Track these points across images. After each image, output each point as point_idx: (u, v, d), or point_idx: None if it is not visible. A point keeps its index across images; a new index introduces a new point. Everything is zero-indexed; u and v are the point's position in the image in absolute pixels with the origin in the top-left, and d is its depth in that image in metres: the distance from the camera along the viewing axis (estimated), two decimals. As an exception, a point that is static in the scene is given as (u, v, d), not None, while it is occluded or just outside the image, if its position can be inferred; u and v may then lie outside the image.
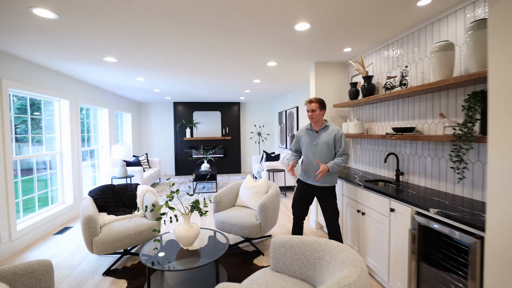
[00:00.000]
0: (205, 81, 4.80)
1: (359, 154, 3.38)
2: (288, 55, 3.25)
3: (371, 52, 3.04)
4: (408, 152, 2.53)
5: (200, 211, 2.18)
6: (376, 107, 3.00)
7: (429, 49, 2.24)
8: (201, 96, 6.89)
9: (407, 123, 2.53)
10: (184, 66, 3.73)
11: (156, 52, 3.06)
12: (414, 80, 2.39)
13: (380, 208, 2.22)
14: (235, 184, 3.36)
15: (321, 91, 3.57)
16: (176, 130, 8.05)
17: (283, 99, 7.12)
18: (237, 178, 7.51)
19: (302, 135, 2.56)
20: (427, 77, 2.27)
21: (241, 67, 3.83)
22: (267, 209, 2.74)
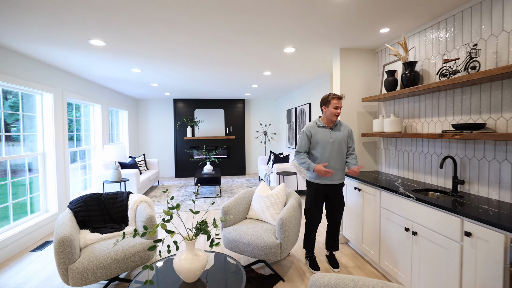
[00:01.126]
0: (207, 74, 4.27)
1: (393, 156, 2.84)
2: (310, 38, 2.72)
3: (413, 34, 2.51)
4: (470, 155, 2.00)
5: (210, 238, 1.64)
6: (420, 99, 2.46)
7: (508, 21, 1.71)
8: (203, 92, 6.36)
9: (467, 118, 2.00)
10: (184, 54, 3.20)
11: (151, 34, 2.53)
12: (483, 62, 1.86)
13: (444, 229, 1.68)
14: (246, 192, 2.83)
15: (347, 83, 3.04)
16: (176, 129, 7.53)
17: (292, 95, 6.59)
18: (241, 180, 6.98)
19: (315, 132, 2.37)
20: (504, 57, 1.74)
21: (251, 55, 3.30)
22: (289, 225, 2.21)
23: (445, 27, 2.18)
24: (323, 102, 2.40)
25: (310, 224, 2.49)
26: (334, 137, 2.36)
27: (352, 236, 2.81)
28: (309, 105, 5.33)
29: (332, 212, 2.47)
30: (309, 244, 2.54)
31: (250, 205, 2.76)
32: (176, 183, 6.69)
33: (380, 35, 2.62)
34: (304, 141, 2.41)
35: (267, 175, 5.75)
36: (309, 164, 2.33)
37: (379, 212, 2.35)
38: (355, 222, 2.74)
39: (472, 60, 1.79)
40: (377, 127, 2.77)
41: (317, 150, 2.37)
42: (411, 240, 1.97)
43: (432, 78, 2.31)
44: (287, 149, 7.07)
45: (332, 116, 2.32)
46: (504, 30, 1.74)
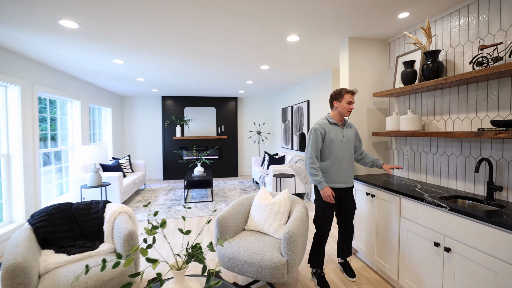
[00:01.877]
0: (199, 68, 3.89)
1: (407, 158, 2.56)
2: (316, 25, 2.39)
3: (435, 20, 2.22)
4: (510, 157, 1.72)
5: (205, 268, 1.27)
6: (443, 94, 2.18)
7: None
8: (194, 89, 5.95)
9: (506, 114, 1.72)
10: (173, 44, 2.81)
11: (133, 17, 2.14)
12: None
13: (493, 249, 1.38)
14: (244, 199, 2.47)
15: (356, 77, 2.73)
16: (164, 128, 7.07)
17: (288, 93, 6.27)
18: (234, 182, 6.61)
19: (328, 130, 2.14)
20: (558, 41, 1.46)
21: (249, 46, 2.95)
22: (297, 240, 1.87)
23: (476, 9, 1.90)
24: (335, 97, 2.16)
25: (321, 235, 2.20)
26: (346, 136, 2.19)
27: (363, 247, 2.50)
28: (307, 102, 5.02)
29: (345, 217, 2.27)
30: (318, 258, 2.23)
31: (248, 214, 2.40)
32: (164, 186, 6.25)
33: (396, 22, 2.32)
34: (317, 140, 2.11)
35: (262, 177, 5.41)
36: (321, 181, 2.07)
37: (399, 222, 2.04)
38: (367, 231, 2.43)
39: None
40: (391, 126, 2.47)
41: (331, 150, 2.13)
42: (443, 257, 1.67)
43: (458, 69, 2.03)
44: (282, 149, 6.76)
45: (345, 112, 2.13)
46: (557, 8, 1.46)
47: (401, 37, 2.59)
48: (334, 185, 2.15)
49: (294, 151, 5.90)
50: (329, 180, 2.15)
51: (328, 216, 2.16)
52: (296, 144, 5.65)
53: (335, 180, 2.15)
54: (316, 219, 2.21)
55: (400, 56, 2.54)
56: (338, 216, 2.30)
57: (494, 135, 1.57)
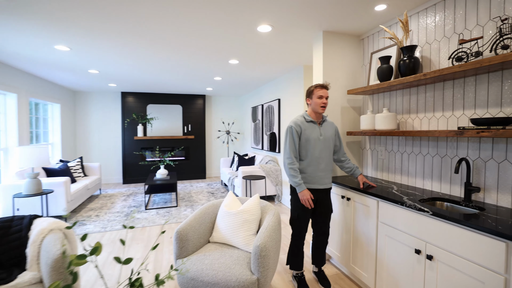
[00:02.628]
0: (162, 61, 3.49)
1: (382, 158, 2.46)
2: (289, 15, 2.19)
3: (410, 15, 2.14)
4: (486, 157, 1.66)
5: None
6: (418, 92, 2.10)
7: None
8: (158, 85, 5.47)
9: (483, 112, 1.66)
10: (129, 32, 2.42)
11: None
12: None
13: (478, 256, 1.27)
14: (209, 207, 2.18)
15: (330, 73, 2.59)
16: (124, 127, 6.44)
17: (258, 91, 6.07)
18: (201, 185, 6.23)
19: (304, 128, 2.02)
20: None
21: (217, 36, 2.65)
22: (268, 254, 1.63)
23: (453, 4, 1.83)
24: (307, 94, 2.07)
25: (298, 236, 2.09)
26: (323, 134, 2.06)
27: (337, 254, 2.35)
28: (278, 101, 4.85)
29: (320, 220, 2.12)
30: (297, 259, 2.12)
31: (214, 224, 2.11)
32: (123, 191, 5.66)
33: (373, 15, 2.20)
34: (294, 139, 2.00)
35: (231, 180, 5.13)
36: (300, 184, 1.95)
37: (376, 227, 1.91)
38: (342, 237, 2.29)
39: (503, 38, 1.42)
40: (366, 124, 2.36)
41: (307, 149, 2.02)
42: (424, 265, 1.55)
43: (434, 65, 1.95)
44: (252, 150, 6.54)
45: (318, 107, 2.00)
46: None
47: (376, 33, 2.49)
48: (310, 185, 2.03)
49: (264, 152, 5.70)
50: (306, 180, 2.02)
51: (304, 218, 2.06)
52: (267, 144, 5.46)
53: (311, 181, 2.02)
54: (292, 220, 2.11)
55: (374, 52, 2.44)
56: (313, 219, 2.14)
57: (476, 133, 1.48)
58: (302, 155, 2.02)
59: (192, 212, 4.12)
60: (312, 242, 2.21)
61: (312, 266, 2.44)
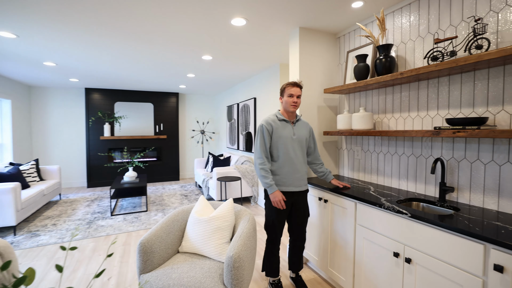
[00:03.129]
0: (130, 56, 3.21)
1: (358, 158, 2.44)
2: (265, 8, 2.07)
3: (386, 14, 2.12)
4: (459, 157, 1.66)
5: None
6: (394, 91, 2.08)
7: None
8: (126, 81, 5.10)
9: (456, 112, 1.66)
10: (91, 21, 2.15)
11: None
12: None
13: (456, 259, 1.24)
14: (178, 214, 2.00)
15: (306, 71, 2.51)
16: (89, 127, 5.95)
17: (234, 90, 5.91)
18: (174, 187, 5.94)
19: (276, 126, 1.92)
20: (508, 38, 1.41)
21: (189, 28, 2.46)
22: (243, 264, 1.49)
23: (427, 4, 1.82)
24: (280, 93, 1.97)
25: (273, 241, 2.00)
26: (297, 134, 1.97)
27: (315, 257, 2.29)
28: (254, 100, 4.74)
29: (296, 225, 2.03)
30: (273, 266, 2.03)
31: (184, 232, 1.94)
32: (87, 196, 5.21)
33: (350, 12, 2.15)
34: (265, 139, 1.92)
35: (205, 181, 4.92)
36: (271, 185, 1.86)
37: (354, 229, 1.86)
38: (319, 240, 2.22)
39: (477, 37, 1.41)
40: (343, 124, 2.31)
41: (279, 149, 1.92)
42: (403, 268, 1.51)
43: (409, 65, 1.94)
44: (228, 150, 6.37)
45: (288, 106, 1.92)
46: (508, 4, 1.42)
47: (352, 31, 2.46)
48: (286, 188, 1.92)
49: (240, 152, 5.56)
50: (279, 182, 1.91)
51: (279, 222, 1.96)
52: (243, 144, 5.32)
53: (286, 183, 1.92)
54: (267, 225, 2.00)
55: (350, 51, 2.41)
56: (289, 223, 2.05)
57: (452, 133, 1.46)
58: (275, 155, 1.93)
59: (163, 217, 3.87)
60: (289, 247, 2.12)
61: (289, 271, 2.35)
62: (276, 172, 1.92)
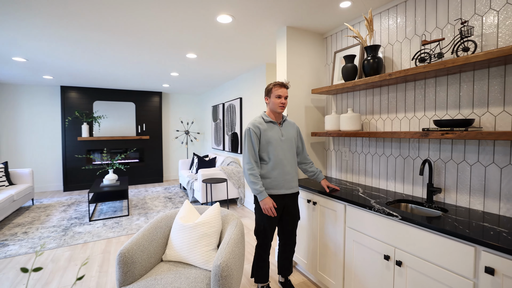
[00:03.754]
0: (110, 52, 3.03)
1: (347, 159, 2.43)
2: (252, 5, 2.01)
3: (373, 15, 2.11)
4: (446, 158, 1.68)
5: None
6: (381, 92, 2.08)
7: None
8: (106, 79, 4.86)
9: (443, 114, 1.68)
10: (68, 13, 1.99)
11: None
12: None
13: (447, 261, 1.24)
14: (161, 220, 1.89)
15: (294, 70, 2.47)
16: (65, 127, 5.63)
17: (219, 89, 5.80)
18: (158, 190, 5.74)
19: (264, 129, 1.86)
20: (507, 37, 1.43)
21: (172, 25, 2.35)
22: (231, 273, 1.42)
23: (413, 6, 1.83)
24: (266, 93, 1.94)
25: (264, 247, 1.94)
26: (285, 135, 1.92)
27: (304, 260, 2.25)
28: (240, 100, 4.66)
29: (288, 229, 1.98)
30: (262, 271, 1.98)
31: (168, 239, 1.83)
32: (63, 200, 4.92)
33: (338, 12, 2.13)
34: (253, 142, 1.84)
35: (190, 183, 4.79)
36: (261, 191, 1.79)
37: (344, 232, 1.83)
38: (309, 242, 2.19)
39: (464, 40, 1.42)
40: (331, 125, 2.29)
41: (269, 152, 1.86)
42: (393, 271, 1.50)
43: (396, 66, 1.95)
44: (213, 150, 6.25)
45: (276, 107, 1.86)
46: (492, 9, 1.44)
47: (339, 32, 2.45)
48: (277, 191, 1.86)
49: (226, 153, 5.47)
50: (271, 186, 1.85)
51: (270, 228, 1.90)
52: (228, 145, 5.23)
53: (277, 186, 1.86)
54: (257, 231, 1.93)
55: (337, 52, 2.39)
56: (280, 226, 2.00)
57: (441, 135, 1.46)
58: (265, 158, 1.86)
59: (146, 221, 3.71)
60: (279, 251, 2.07)
61: (278, 275, 2.29)
62: (266, 175, 1.86)
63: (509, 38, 1.38)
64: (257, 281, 1.98)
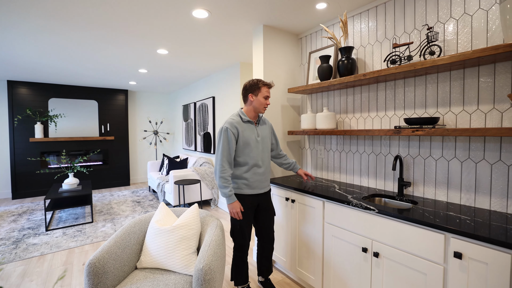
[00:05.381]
0: (68, 42, 2.76)
1: (322, 157, 2.50)
2: (227, 1, 1.97)
3: (348, 17, 2.20)
4: (414, 153, 1.80)
5: None
6: (355, 92, 2.17)
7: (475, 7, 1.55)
8: (63, 74, 4.43)
9: (411, 113, 1.80)
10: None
11: None
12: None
13: (419, 249, 1.32)
14: (134, 225, 1.76)
15: (271, 69, 2.48)
16: (13, 127, 5.03)
17: (190, 88, 5.63)
18: (125, 193, 5.40)
19: (242, 129, 1.81)
20: (465, 43, 1.57)
21: (141, 16, 2.21)
22: (214, 276, 1.37)
23: (384, 12, 1.94)
24: (250, 89, 1.83)
25: (242, 248, 1.90)
26: (261, 135, 1.91)
27: (283, 258, 2.27)
28: (212, 99, 4.57)
29: (265, 226, 1.98)
30: (242, 273, 1.95)
31: (142, 245, 1.72)
32: (12, 209, 4.38)
33: (313, 13, 2.18)
34: (230, 144, 1.76)
35: (161, 185, 4.57)
36: (230, 195, 1.76)
37: (322, 228, 1.88)
38: (287, 240, 2.21)
39: (430, 44, 1.53)
40: (307, 124, 2.34)
41: (246, 154, 1.82)
42: (371, 262, 1.57)
43: (368, 67, 2.05)
44: (185, 151, 6.05)
45: (261, 108, 1.85)
46: (452, 17, 1.58)
47: (313, 32, 2.51)
48: (251, 191, 1.87)
49: (198, 153, 5.32)
50: (245, 186, 1.84)
51: (247, 226, 1.88)
52: (200, 145, 5.10)
53: (251, 186, 1.86)
54: (233, 231, 1.90)
55: (312, 52, 2.45)
56: (257, 225, 1.99)
57: (411, 132, 1.57)
58: (241, 160, 1.81)
59: (113, 227, 3.45)
60: (258, 252, 2.06)
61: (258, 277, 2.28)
62: (241, 176, 1.83)
63: (467, 44, 1.53)
64: (237, 284, 1.95)
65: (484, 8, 1.46)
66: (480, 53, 1.28)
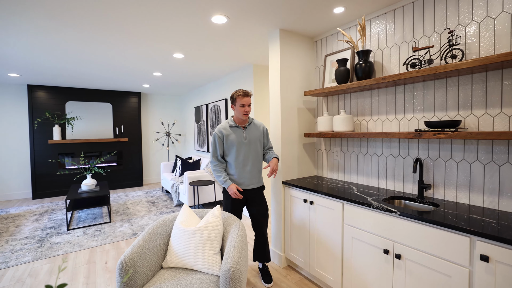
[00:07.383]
0: (87, 47, 2.86)
1: (337, 159, 2.52)
2: (247, 6, 2.01)
3: (366, 20, 2.21)
4: (434, 156, 1.81)
5: None
6: (372, 95, 2.19)
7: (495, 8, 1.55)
8: (80, 78, 4.57)
9: (431, 115, 1.81)
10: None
11: None
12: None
13: (444, 252, 1.34)
14: (159, 226, 1.83)
15: (287, 72, 2.51)
16: (33, 129, 5.21)
17: (202, 90, 5.71)
18: (139, 194, 5.52)
19: (227, 133, 2.12)
20: (487, 47, 1.57)
21: (160, 23, 2.28)
22: (241, 276, 1.42)
23: (402, 15, 1.95)
24: (231, 101, 2.14)
25: None
26: (248, 138, 2.16)
27: (301, 259, 2.30)
28: (225, 101, 4.63)
29: (257, 219, 2.22)
30: None
31: (168, 245, 1.78)
32: (33, 209, 4.54)
33: (331, 17, 2.20)
34: (217, 145, 2.14)
35: (175, 186, 4.66)
36: (225, 180, 2.10)
37: (342, 229, 1.90)
38: (305, 242, 2.24)
39: (452, 48, 1.54)
40: (324, 126, 2.37)
41: (231, 152, 2.13)
42: (392, 264, 1.58)
43: (386, 70, 2.06)
44: (196, 152, 6.13)
45: (241, 115, 2.10)
46: (474, 20, 1.58)
47: (329, 36, 2.53)
48: (239, 186, 2.14)
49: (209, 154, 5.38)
50: (233, 181, 2.15)
51: (236, 213, 2.17)
52: (214, 147, 5.16)
53: (238, 182, 2.15)
54: None
55: (328, 55, 2.48)
56: (252, 220, 2.24)
57: (433, 135, 1.58)
58: (229, 158, 2.14)
59: (131, 228, 3.55)
60: (254, 242, 2.30)
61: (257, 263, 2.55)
62: (230, 172, 2.15)
63: (489, 47, 1.53)
64: None
65: (507, 11, 1.46)
66: (505, 57, 1.28)
